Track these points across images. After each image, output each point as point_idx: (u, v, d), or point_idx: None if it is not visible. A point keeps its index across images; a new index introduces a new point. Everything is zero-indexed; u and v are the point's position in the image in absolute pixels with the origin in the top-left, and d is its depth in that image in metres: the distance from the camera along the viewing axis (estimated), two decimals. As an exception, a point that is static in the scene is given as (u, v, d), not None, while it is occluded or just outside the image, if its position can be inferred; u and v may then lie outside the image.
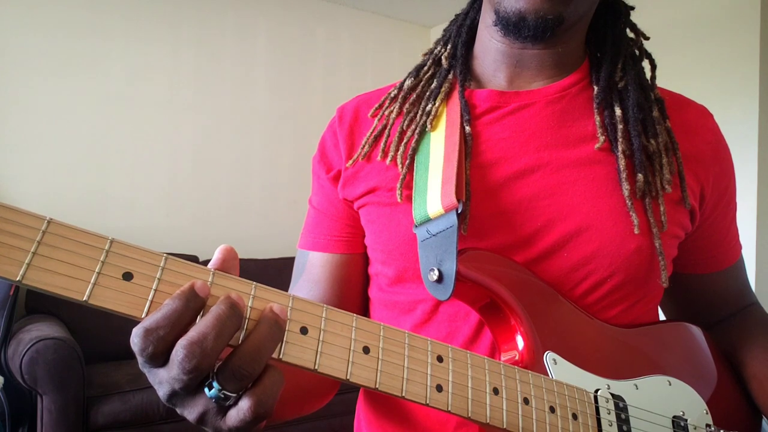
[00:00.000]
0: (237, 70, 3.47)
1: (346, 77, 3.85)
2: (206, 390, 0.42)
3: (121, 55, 3.12)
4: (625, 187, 0.65)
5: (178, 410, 0.45)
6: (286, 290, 0.81)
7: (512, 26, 0.65)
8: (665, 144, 0.68)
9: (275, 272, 3.15)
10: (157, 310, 0.41)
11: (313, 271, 0.75)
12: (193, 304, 0.42)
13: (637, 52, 0.74)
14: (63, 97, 2.97)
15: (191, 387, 0.42)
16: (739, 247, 0.81)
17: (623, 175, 0.65)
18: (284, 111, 3.62)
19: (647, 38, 0.75)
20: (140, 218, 3.15)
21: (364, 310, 0.78)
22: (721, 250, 0.77)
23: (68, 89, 2.98)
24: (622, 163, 0.66)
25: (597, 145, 0.67)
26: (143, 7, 3.17)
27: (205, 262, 0.46)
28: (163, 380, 0.42)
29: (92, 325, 2.62)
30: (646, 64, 0.75)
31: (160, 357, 0.41)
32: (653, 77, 0.74)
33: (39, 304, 2.66)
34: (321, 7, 3.75)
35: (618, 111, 0.68)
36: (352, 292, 0.76)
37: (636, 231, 0.64)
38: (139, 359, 0.42)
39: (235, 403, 0.43)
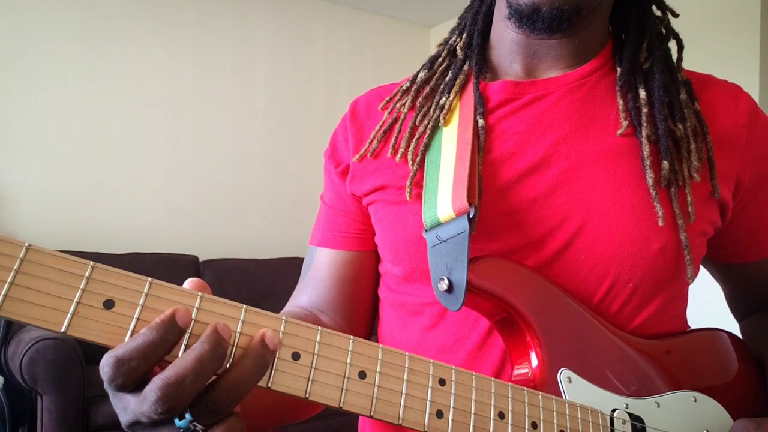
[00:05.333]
0: (237, 69, 3.45)
1: (346, 77, 3.82)
2: (176, 420, 0.39)
3: (122, 55, 3.10)
4: (649, 176, 0.60)
5: None
6: (288, 290, 0.78)
7: (526, 19, 0.61)
8: (693, 128, 0.62)
9: (275, 272, 3.13)
10: (132, 339, 0.38)
11: (319, 269, 0.73)
12: (171, 336, 0.39)
13: (663, 31, 0.68)
14: (63, 97, 2.95)
15: (159, 424, 0.39)
16: None
17: (647, 163, 0.60)
18: (284, 111, 3.60)
19: (676, 15, 0.70)
20: (140, 218, 3.13)
21: (373, 310, 0.75)
22: None
23: (68, 89, 2.96)
24: (646, 149, 0.60)
25: (619, 131, 0.62)
26: (143, 7, 3.15)
27: (205, 263, 0.44)
28: (128, 408, 0.39)
29: (92, 325, 2.61)
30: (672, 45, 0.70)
31: (129, 387, 0.39)
32: (680, 58, 0.68)
33: (38, 304, 2.65)
34: (321, 7, 3.72)
35: (642, 93, 0.63)
36: (361, 291, 0.73)
37: (660, 223, 0.59)
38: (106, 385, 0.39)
39: None
